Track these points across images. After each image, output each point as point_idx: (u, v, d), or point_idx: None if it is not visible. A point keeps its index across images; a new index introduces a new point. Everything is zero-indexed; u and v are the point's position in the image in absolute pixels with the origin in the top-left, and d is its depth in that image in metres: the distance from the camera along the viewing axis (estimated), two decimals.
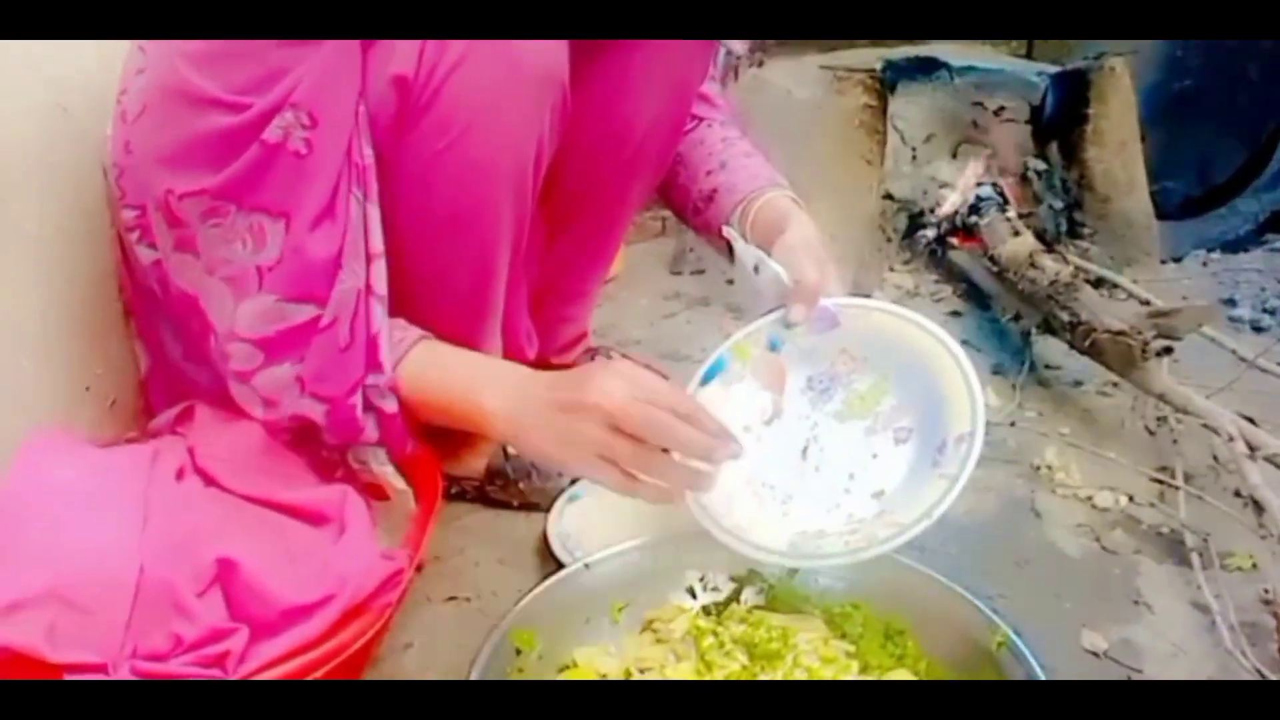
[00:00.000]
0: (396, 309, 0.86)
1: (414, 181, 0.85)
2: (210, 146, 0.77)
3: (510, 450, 1.09)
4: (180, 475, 0.78)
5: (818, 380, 0.90)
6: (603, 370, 0.79)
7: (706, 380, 0.89)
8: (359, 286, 0.80)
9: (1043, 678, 0.72)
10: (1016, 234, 1.34)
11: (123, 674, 0.65)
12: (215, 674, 0.66)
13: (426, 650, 0.89)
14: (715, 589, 0.89)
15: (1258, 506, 0.91)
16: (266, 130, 0.76)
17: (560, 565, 0.91)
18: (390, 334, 0.83)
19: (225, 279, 0.79)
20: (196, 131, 0.78)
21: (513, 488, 1.08)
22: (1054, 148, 1.62)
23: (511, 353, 1.02)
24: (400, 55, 0.78)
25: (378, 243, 0.82)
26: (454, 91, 0.80)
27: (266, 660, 0.68)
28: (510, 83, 0.82)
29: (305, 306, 0.79)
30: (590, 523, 1.02)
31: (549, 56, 0.84)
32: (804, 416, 0.89)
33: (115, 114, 0.90)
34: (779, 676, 0.73)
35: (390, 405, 0.82)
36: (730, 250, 1.04)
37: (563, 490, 1.06)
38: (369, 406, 0.82)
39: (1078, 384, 1.29)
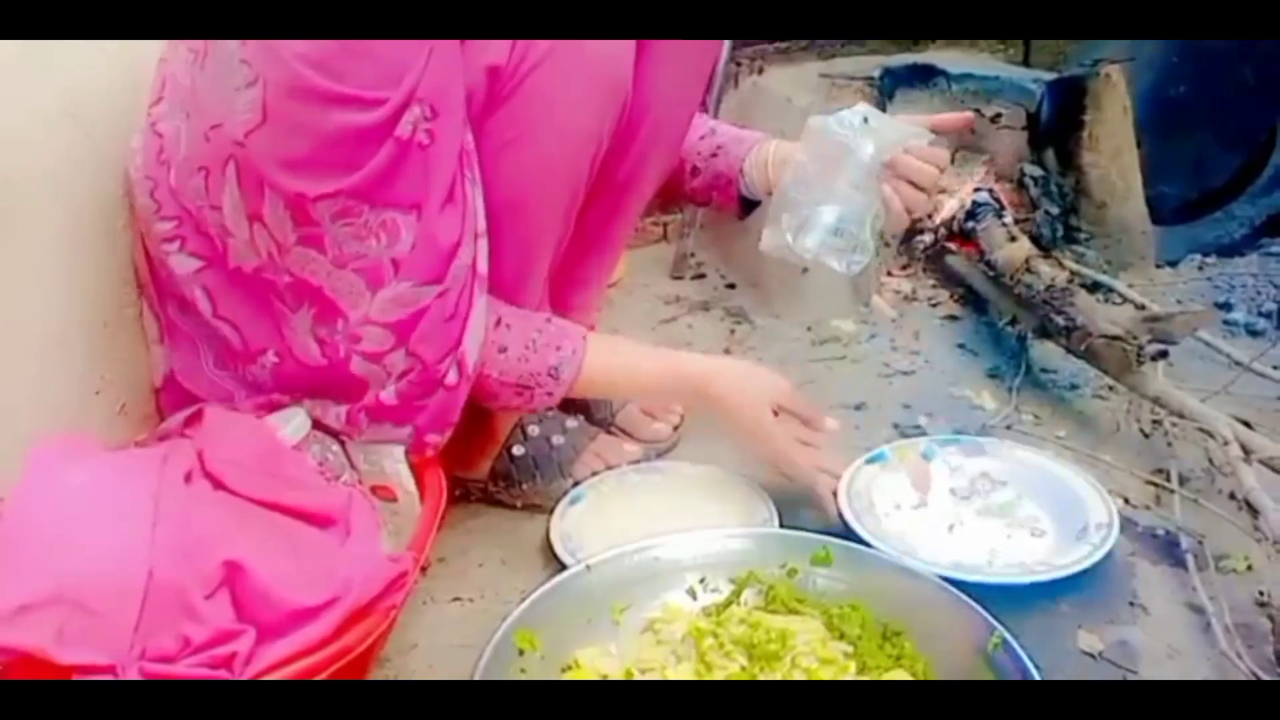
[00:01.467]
0: None
1: (484, 165, 0.88)
2: (345, 145, 0.80)
3: (515, 452, 1.10)
4: (189, 479, 0.79)
5: (960, 491, 1.07)
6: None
7: (869, 462, 1.08)
8: (469, 262, 0.85)
9: (1038, 679, 0.73)
10: (1013, 239, 1.35)
11: (131, 675, 0.66)
12: (222, 675, 0.67)
13: (431, 651, 0.91)
14: (715, 590, 0.90)
15: (1253, 510, 0.92)
16: (399, 127, 0.78)
17: (563, 566, 0.92)
18: (552, 338, 0.94)
19: (357, 270, 0.83)
20: (328, 131, 0.79)
21: (516, 489, 1.09)
22: (1050, 154, 1.62)
23: None
24: (495, 46, 0.83)
25: (483, 221, 0.86)
26: (535, 84, 0.84)
27: (273, 661, 0.69)
28: (586, 83, 0.86)
29: (434, 288, 0.84)
30: (592, 524, 1.03)
31: (622, 61, 0.88)
32: (949, 509, 1.05)
33: (144, 126, 0.91)
34: (778, 677, 0.74)
35: (453, 377, 0.88)
36: (741, 205, 1.13)
37: (565, 492, 1.08)
38: (446, 376, 0.88)
39: (1074, 388, 1.30)
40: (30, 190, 0.84)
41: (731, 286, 1.69)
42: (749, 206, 1.14)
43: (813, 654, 0.77)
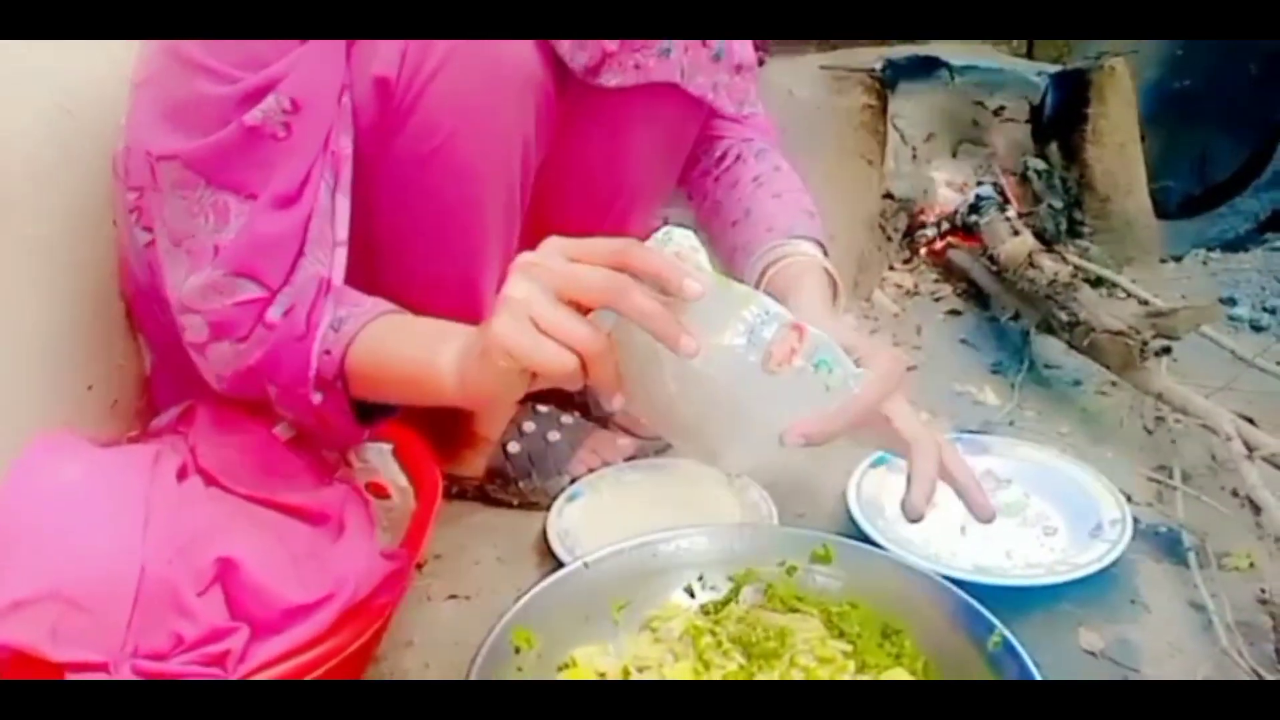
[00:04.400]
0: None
1: (402, 183, 0.85)
2: (192, 111, 0.78)
3: (511, 449, 1.09)
4: (182, 475, 0.78)
5: None
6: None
7: (874, 465, 1.06)
8: (322, 273, 0.78)
9: (1038, 677, 0.72)
10: (1016, 233, 1.34)
11: (124, 673, 0.65)
12: (215, 673, 0.66)
13: (427, 648, 0.90)
14: (713, 588, 0.89)
15: (1255, 507, 0.91)
16: (248, 112, 0.76)
17: (560, 564, 0.92)
18: (347, 311, 0.79)
19: (187, 251, 0.79)
20: (182, 94, 0.78)
21: (512, 487, 1.09)
22: (1054, 147, 1.62)
23: None
24: (383, 57, 0.79)
25: (343, 232, 0.80)
26: (437, 95, 0.80)
27: (267, 659, 0.68)
28: (491, 86, 0.82)
29: (250, 284, 0.77)
30: (590, 521, 1.03)
31: (527, 57, 0.84)
32: (958, 510, 0.99)
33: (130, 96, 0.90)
34: (776, 676, 0.73)
35: (317, 398, 0.78)
36: None
37: (563, 489, 1.07)
38: (319, 389, 0.79)
39: (1076, 383, 1.29)
40: (21, 185, 0.84)
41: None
42: None
43: (811, 653, 0.76)
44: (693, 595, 0.89)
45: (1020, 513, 1.03)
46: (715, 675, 0.74)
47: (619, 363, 0.65)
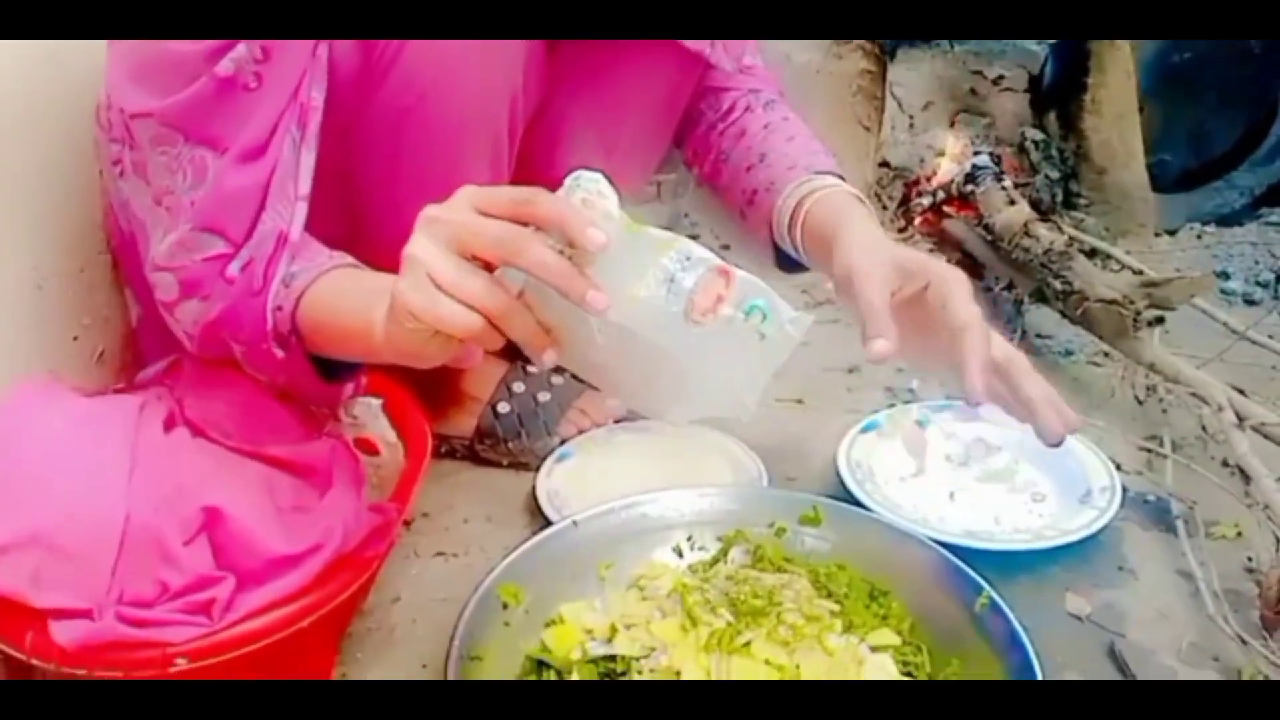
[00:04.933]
0: (368, 257, 0.81)
1: (385, 139, 0.84)
2: (163, 67, 0.76)
3: (500, 409, 1.09)
4: (168, 426, 0.78)
5: (956, 457, 1.06)
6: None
7: (865, 430, 1.06)
8: (281, 228, 0.76)
9: (1025, 639, 0.73)
10: (1012, 203, 1.33)
11: (108, 619, 0.65)
12: (200, 621, 0.66)
13: (414, 604, 0.90)
14: (702, 549, 0.89)
15: (1245, 476, 0.91)
16: (219, 64, 0.74)
17: (549, 523, 0.91)
18: (300, 266, 0.77)
19: (167, 209, 0.78)
20: (153, 50, 0.76)
21: (501, 447, 1.08)
22: (1052, 117, 1.61)
23: None
24: None
25: (305, 186, 0.78)
26: (419, 46, 0.78)
27: (252, 609, 0.68)
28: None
29: (216, 240, 0.76)
30: (579, 482, 1.02)
31: None
32: (948, 475, 1.04)
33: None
34: (763, 633, 0.73)
35: (279, 353, 0.76)
36: (777, 257, 0.99)
37: (552, 450, 1.06)
38: (278, 345, 0.77)
39: (1068, 353, 1.29)
40: (6, 131, 0.82)
41: (726, 247, 1.66)
42: (790, 259, 0.98)
43: (799, 610, 0.76)
44: (681, 555, 0.89)
45: (1009, 479, 1.03)
46: (702, 632, 0.74)
47: (544, 318, 0.63)
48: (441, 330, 0.60)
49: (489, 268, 0.61)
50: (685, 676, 0.71)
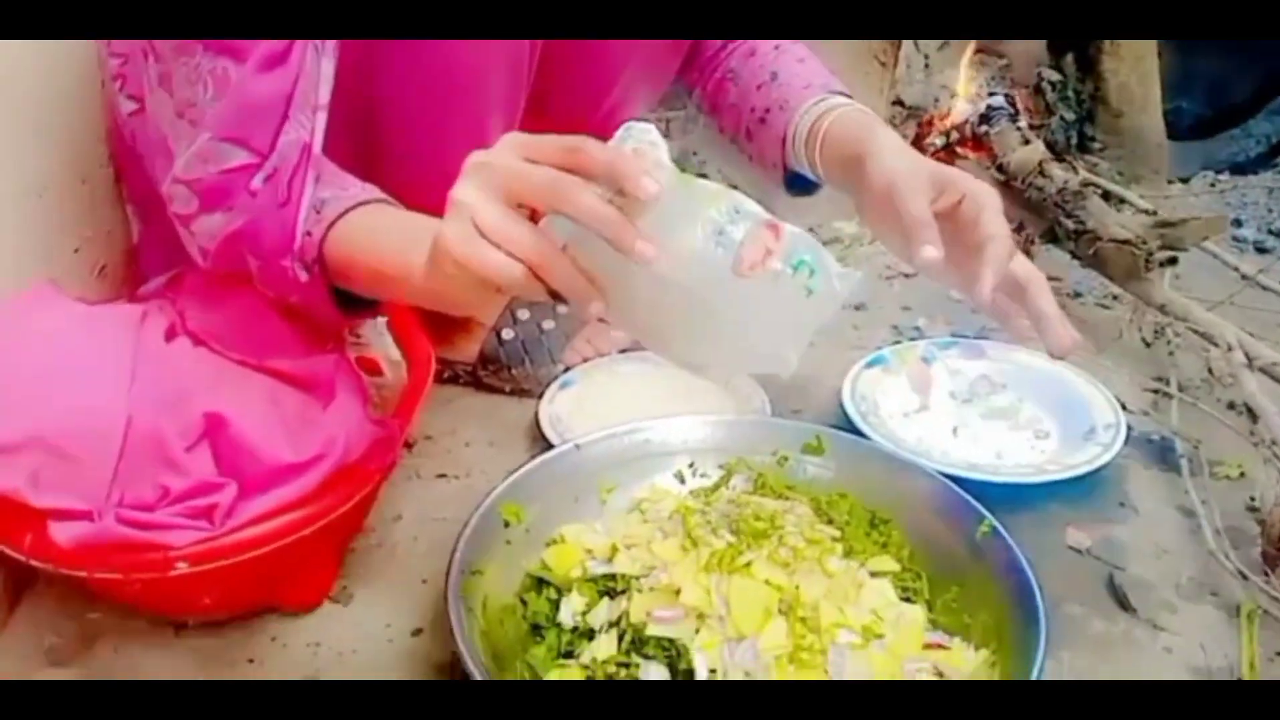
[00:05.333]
0: (385, 184, 0.80)
1: (406, 51, 0.82)
2: None
3: (505, 336, 1.08)
4: (169, 336, 0.77)
5: (960, 394, 1.07)
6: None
7: (870, 364, 1.06)
8: (305, 139, 0.74)
9: (1025, 564, 0.73)
10: (1026, 142, 1.31)
11: (108, 522, 0.65)
12: (202, 525, 0.66)
13: (415, 523, 0.90)
14: (704, 475, 0.89)
15: (1252, 415, 0.91)
16: None
17: (550, 448, 0.91)
18: (331, 194, 0.75)
19: (190, 121, 0.75)
20: None
21: (505, 373, 1.08)
22: (1070, 59, 1.57)
23: None
24: None
25: (325, 95, 0.76)
26: None
27: (254, 516, 0.68)
28: None
29: (239, 151, 0.73)
30: (582, 408, 1.02)
31: None
32: (951, 411, 1.05)
33: None
34: (764, 555, 0.73)
35: (300, 273, 0.74)
36: (786, 179, 0.97)
37: (555, 378, 1.06)
38: (298, 265, 0.75)
39: (1077, 295, 1.28)
40: (8, 43, 0.80)
41: (733, 186, 1.65)
42: (801, 181, 0.96)
43: (800, 534, 0.76)
44: (683, 481, 0.89)
45: (1013, 417, 1.03)
46: (703, 553, 0.74)
47: (588, 270, 0.60)
48: (484, 278, 0.59)
49: (534, 217, 0.60)
50: (685, 596, 0.71)
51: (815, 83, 0.94)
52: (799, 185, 0.97)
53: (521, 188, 0.58)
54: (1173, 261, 1.09)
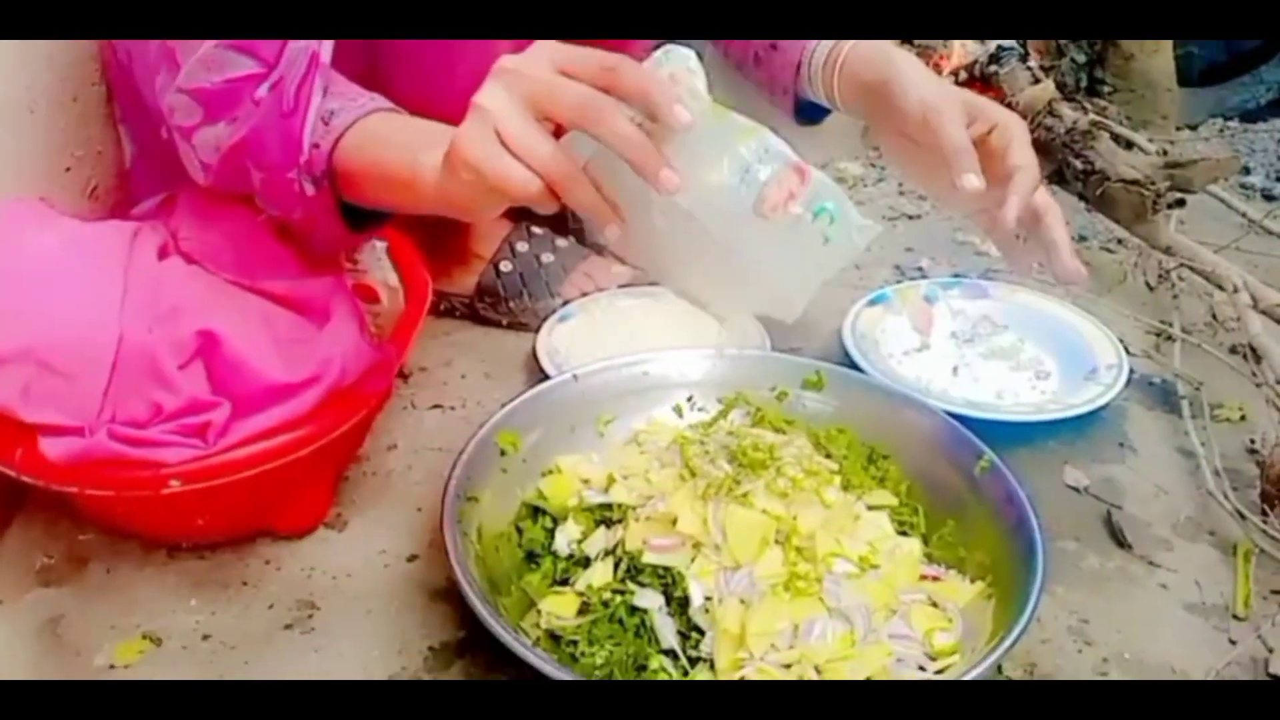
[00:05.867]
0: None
1: None
2: None
3: (502, 268, 1.07)
4: (162, 255, 0.76)
5: (961, 334, 1.05)
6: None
7: (872, 303, 1.04)
8: (312, 48, 0.71)
9: (1023, 498, 0.72)
10: (1036, 81, 1.29)
11: (100, 438, 0.64)
12: (195, 444, 0.65)
13: (410, 451, 0.90)
14: (702, 409, 0.88)
15: (1256, 356, 0.90)
16: None
17: (547, 380, 0.90)
18: (340, 104, 0.73)
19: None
20: None
21: (502, 305, 1.07)
22: None
23: None
24: None
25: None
26: None
27: (248, 435, 0.67)
28: None
29: (245, 59, 0.71)
30: (580, 341, 1.01)
31: None
32: (952, 351, 1.03)
33: None
34: (762, 485, 0.73)
35: (306, 186, 0.72)
36: (797, 107, 0.96)
37: (553, 311, 1.05)
38: (305, 178, 0.73)
39: (1081, 239, 1.27)
40: None
41: None
42: (811, 109, 0.97)
43: (798, 465, 0.75)
44: (680, 415, 0.88)
45: (1014, 357, 1.02)
46: (700, 482, 0.74)
47: (607, 192, 0.59)
48: (499, 188, 0.58)
49: (558, 132, 0.58)
50: (682, 524, 0.71)
51: None
52: (807, 114, 0.96)
53: (550, 101, 0.57)
54: (1181, 204, 1.08)
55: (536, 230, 1.10)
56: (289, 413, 0.68)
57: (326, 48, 0.74)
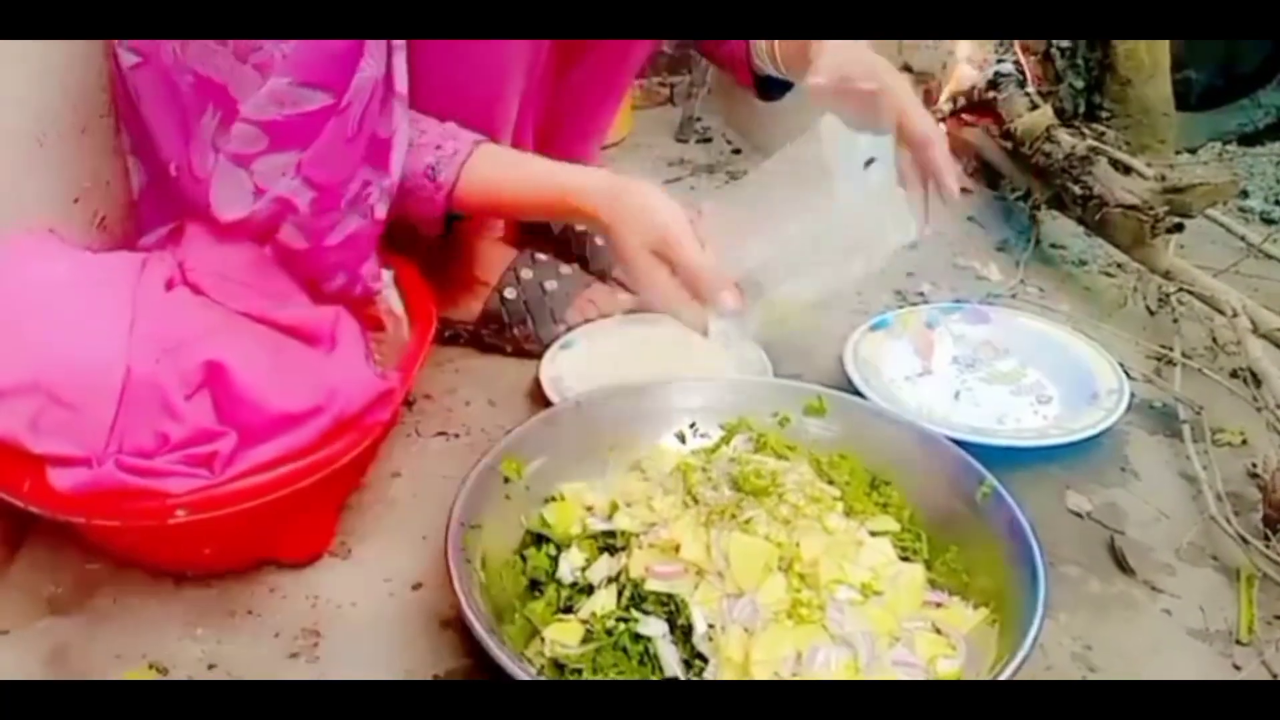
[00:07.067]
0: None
1: None
2: None
3: (507, 295, 1.08)
4: (169, 285, 0.76)
5: (963, 359, 1.06)
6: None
7: (874, 328, 1.06)
8: (376, 76, 0.76)
9: (1025, 525, 0.72)
10: (1034, 107, 1.30)
11: (108, 469, 0.65)
12: (202, 474, 0.66)
13: (414, 479, 0.90)
14: (704, 436, 0.89)
15: (1256, 380, 0.90)
16: None
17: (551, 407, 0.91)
18: (435, 138, 0.85)
19: (256, 65, 0.76)
20: None
21: (506, 332, 1.07)
22: None
23: None
24: None
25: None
26: None
27: (254, 465, 0.67)
28: None
29: (318, 94, 0.75)
30: (583, 369, 1.02)
31: None
32: (954, 376, 1.04)
33: None
34: (764, 511, 0.73)
35: (381, 210, 0.79)
36: (760, 85, 1.04)
37: (557, 338, 1.06)
38: (357, 203, 0.79)
39: (1082, 263, 1.27)
40: None
41: (737, 151, 1.65)
42: (770, 85, 1.05)
43: (800, 491, 0.76)
44: (683, 441, 0.89)
45: (1015, 381, 1.03)
46: (703, 509, 0.74)
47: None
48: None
49: None
50: (685, 551, 0.71)
51: None
52: (768, 89, 1.05)
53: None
54: (1179, 228, 1.08)
55: (541, 257, 1.11)
56: (294, 442, 0.68)
57: (399, 75, 0.79)
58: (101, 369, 0.66)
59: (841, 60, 0.87)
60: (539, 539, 0.78)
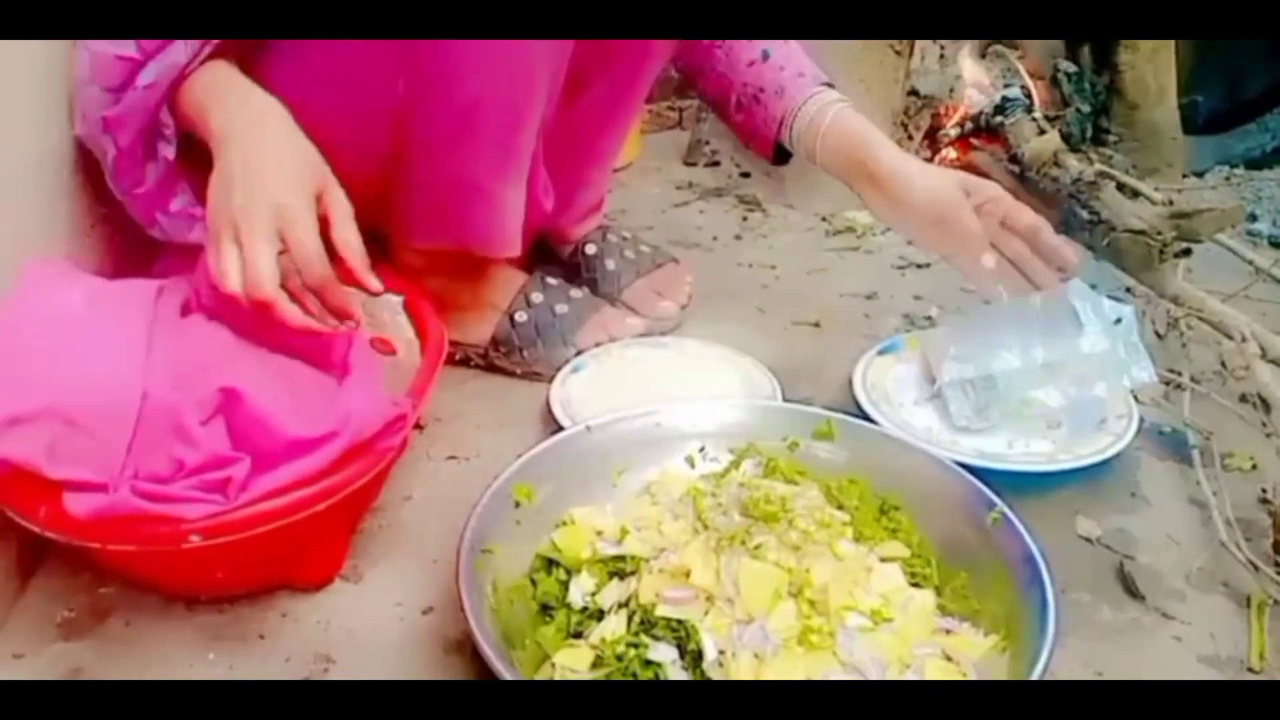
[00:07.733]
0: (429, 147, 0.88)
1: None
2: None
3: (517, 318, 1.08)
4: (185, 312, 0.77)
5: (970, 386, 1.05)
6: None
7: (882, 352, 1.08)
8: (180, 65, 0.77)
9: (1036, 552, 0.72)
10: (1042, 132, 1.31)
11: (123, 494, 0.65)
12: (216, 499, 0.66)
13: (426, 503, 0.90)
14: (714, 460, 0.89)
15: (1265, 405, 0.90)
16: None
17: (561, 430, 0.91)
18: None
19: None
20: None
21: (516, 355, 1.08)
22: (1086, 51, 1.57)
23: (529, 203, 1.00)
24: None
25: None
26: None
27: (267, 490, 0.68)
28: None
29: (128, 44, 0.78)
30: (593, 392, 1.02)
31: None
32: (960, 399, 1.04)
33: None
34: (774, 537, 0.73)
35: (168, 151, 0.82)
36: (775, 155, 1.08)
37: (567, 361, 1.06)
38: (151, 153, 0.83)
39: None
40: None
41: (746, 175, 1.65)
42: (786, 154, 1.09)
43: (810, 517, 0.76)
44: (693, 466, 0.89)
45: (1024, 412, 1.02)
46: (713, 535, 0.74)
47: None
48: None
49: None
50: (695, 576, 0.71)
51: (806, 71, 1.04)
52: (784, 157, 1.09)
53: None
54: (1187, 253, 1.09)
55: (551, 281, 1.12)
56: (308, 467, 0.69)
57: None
58: (118, 394, 0.67)
59: (932, 185, 0.97)
60: (550, 563, 0.78)
